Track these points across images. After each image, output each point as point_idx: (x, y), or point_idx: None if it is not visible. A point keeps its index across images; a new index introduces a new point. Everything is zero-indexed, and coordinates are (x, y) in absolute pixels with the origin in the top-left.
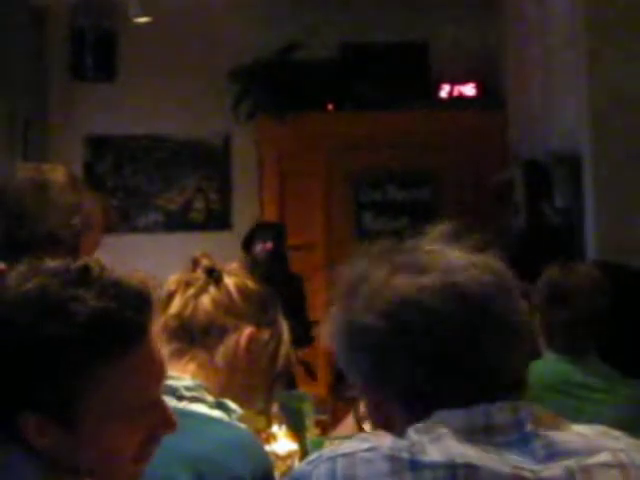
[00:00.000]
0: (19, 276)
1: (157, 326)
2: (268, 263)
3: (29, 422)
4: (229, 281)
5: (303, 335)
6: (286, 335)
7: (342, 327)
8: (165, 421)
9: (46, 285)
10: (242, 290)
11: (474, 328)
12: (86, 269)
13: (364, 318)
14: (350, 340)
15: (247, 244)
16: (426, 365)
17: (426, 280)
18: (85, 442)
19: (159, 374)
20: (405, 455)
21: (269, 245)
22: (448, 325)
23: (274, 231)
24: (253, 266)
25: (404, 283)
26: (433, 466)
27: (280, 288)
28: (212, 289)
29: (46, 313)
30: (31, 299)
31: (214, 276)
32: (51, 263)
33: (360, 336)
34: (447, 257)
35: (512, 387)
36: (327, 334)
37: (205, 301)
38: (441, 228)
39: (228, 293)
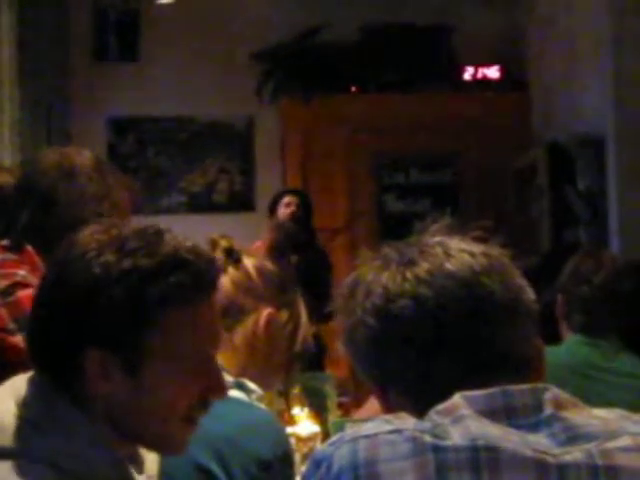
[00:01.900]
0: (94, 231)
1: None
2: (292, 226)
3: (95, 358)
4: (248, 262)
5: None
6: (304, 317)
7: (343, 329)
8: (217, 385)
9: (124, 234)
10: (261, 271)
11: (466, 311)
12: (161, 231)
13: (360, 317)
14: (351, 340)
15: (272, 209)
16: (423, 353)
17: (414, 270)
18: (142, 391)
19: (216, 336)
20: (427, 437)
21: (293, 208)
22: (439, 311)
23: (298, 197)
24: (277, 228)
25: (391, 277)
26: (456, 449)
27: (305, 256)
28: (231, 270)
29: (124, 252)
30: (110, 243)
31: (233, 257)
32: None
33: (358, 335)
34: (441, 247)
35: (520, 368)
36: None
37: (224, 282)
38: (445, 220)
39: (247, 274)
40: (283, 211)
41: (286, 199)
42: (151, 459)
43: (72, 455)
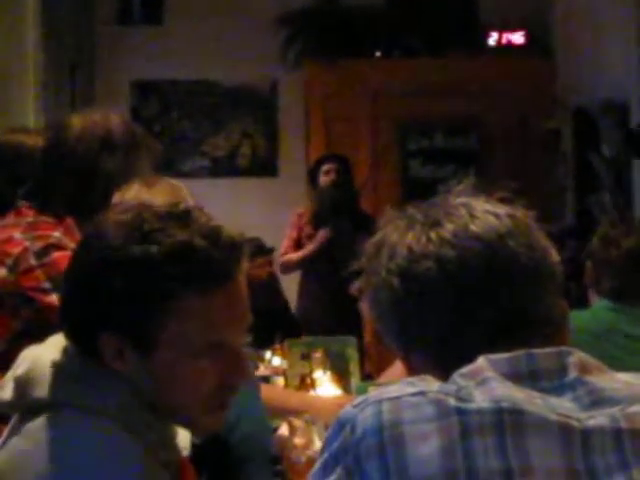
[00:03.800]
0: (124, 209)
1: (243, 277)
2: (333, 193)
3: (109, 342)
4: None
5: None
6: None
7: (368, 289)
8: (237, 369)
9: (143, 217)
10: None
11: (490, 272)
12: (188, 212)
13: (384, 277)
14: (375, 301)
15: (313, 177)
16: (446, 315)
17: (439, 231)
18: (159, 373)
19: (238, 321)
20: (452, 400)
21: (333, 175)
22: (463, 272)
23: (337, 162)
24: (318, 196)
25: (416, 237)
26: (480, 411)
27: (349, 221)
28: None
29: (136, 238)
30: (126, 225)
31: None
32: (161, 206)
33: (383, 296)
34: (465, 208)
35: (544, 330)
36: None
37: None
38: (469, 180)
39: None
40: (323, 179)
41: (325, 166)
42: (184, 432)
43: (117, 407)
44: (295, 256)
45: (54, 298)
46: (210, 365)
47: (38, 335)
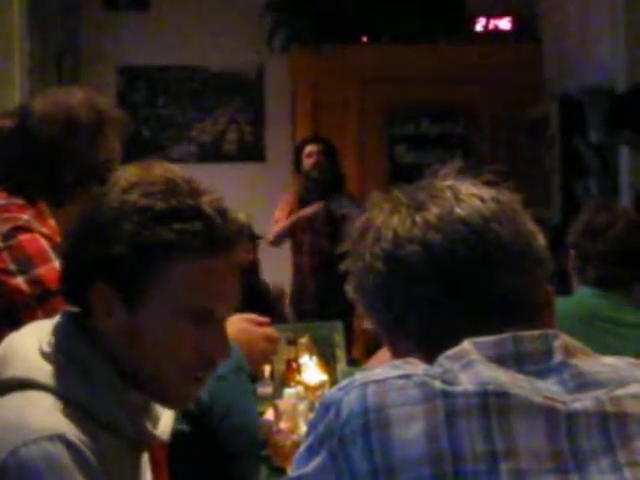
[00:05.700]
0: (132, 171)
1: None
2: (316, 176)
3: (102, 292)
4: None
5: None
6: None
7: (353, 273)
8: (219, 344)
9: (156, 178)
10: None
11: (475, 256)
12: (201, 186)
13: (369, 261)
14: (360, 285)
15: (297, 161)
16: (431, 299)
17: (424, 215)
18: (142, 330)
19: (226, 295)
20: (437, 383)
21: (315, 158)
22: (448, 256)
23: (319, 144)
24: (302, 179)
25: (401, 221)
26: (466, 394)
27: (334, 202)
28: None
29: (146, 193)
30: (139, 184)
31: None
32: (178, 176)
33: (368, 279)
34: (451, 191)
35: (529, 314)
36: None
37: None
38: (455, 163)
39: None
40: (306, 161)
41: (307, 149)
42: (166, 419)
43: (86, 393)
44: (284, 223)
45: (19, 281)
46: (191, 330)
47: (2, 321)
